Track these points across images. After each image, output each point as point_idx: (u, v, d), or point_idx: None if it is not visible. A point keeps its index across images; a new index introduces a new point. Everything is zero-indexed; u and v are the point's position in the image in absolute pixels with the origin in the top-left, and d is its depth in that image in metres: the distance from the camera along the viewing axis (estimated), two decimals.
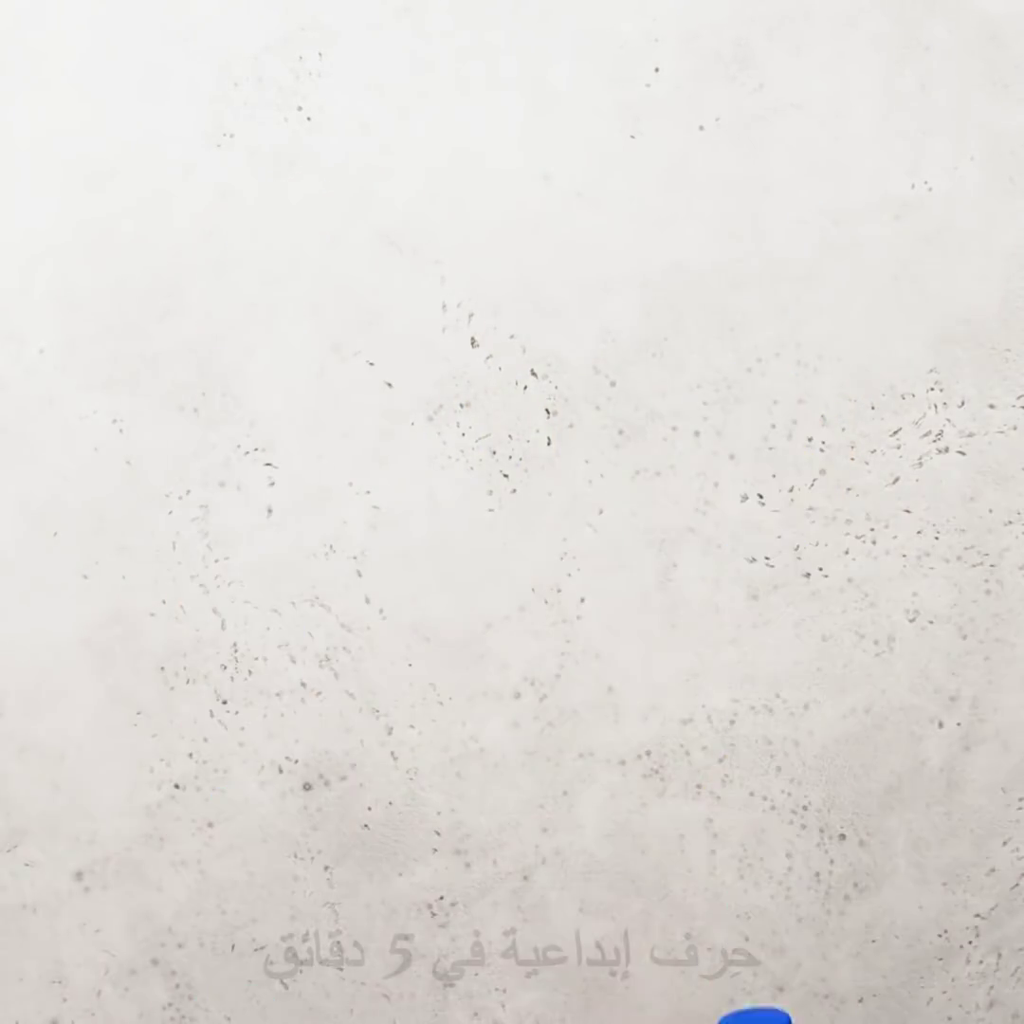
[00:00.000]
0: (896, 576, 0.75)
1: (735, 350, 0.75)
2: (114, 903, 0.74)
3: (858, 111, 0.75)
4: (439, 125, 0.74)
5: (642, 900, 0.71)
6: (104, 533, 0.73)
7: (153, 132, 0.73)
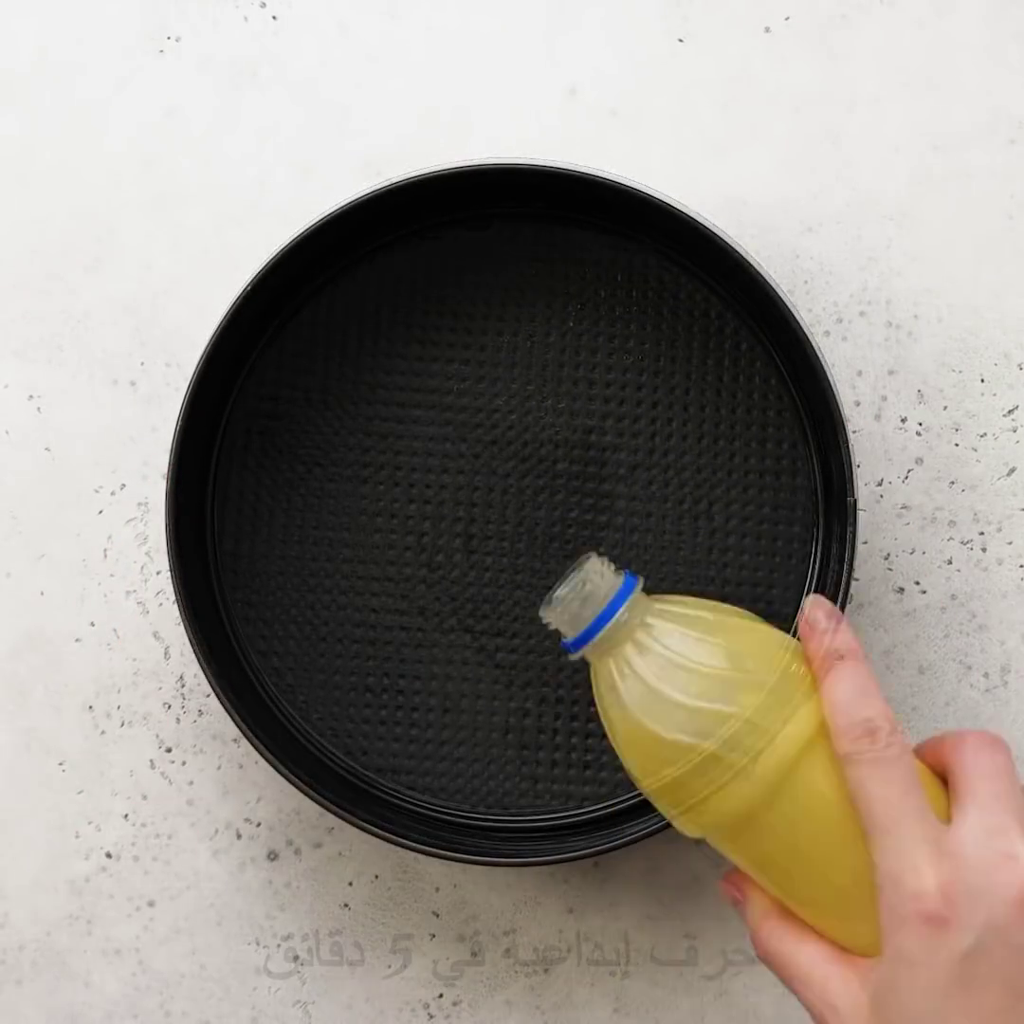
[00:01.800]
0: (1012, 592, 0.65)
1: (810, 308, 0.65)
2: (31, 1002, 0.65)
3: (964, 7, 0.65)
4: (437, 26, 0.66)
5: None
6: (17, 537, 0.65)
7: (78, 34, 0.65)
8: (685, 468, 0.62)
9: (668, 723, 0.46)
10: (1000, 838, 0.41)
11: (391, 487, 0.62)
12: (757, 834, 0.46)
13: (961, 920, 0.40)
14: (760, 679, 0.46)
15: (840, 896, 0.45)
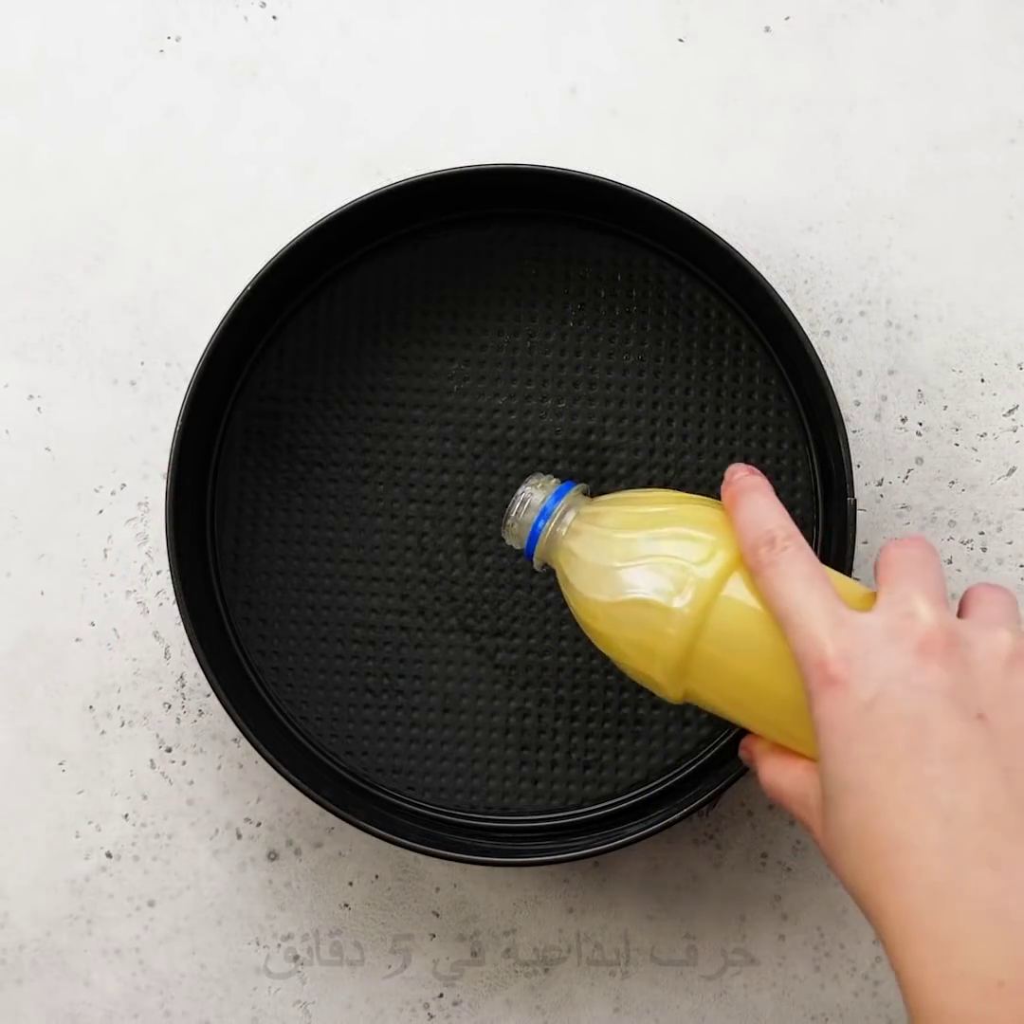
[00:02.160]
0: (1012, 591, 0.62)
1: (810, 308, 0.65)
2: (31, 1002, 0.64)
3: (964, 7, 0.65)
4: (437, 26, 0.65)
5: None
6: (17, 537, 0.65)
7: (79, 34, 0.65)
8: (685, 468, 0.62)
9: (611, 589, 0.49)
10: (902, 604, 0.43)
11: (391, 487, 0.62)
12: (712, 669, 0.48)
13: (860, 675, 0.42)
14: (679, 531, 0.49)
15: (792, 707, 0.46)
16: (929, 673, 0.41)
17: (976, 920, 0.39)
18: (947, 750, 0.41)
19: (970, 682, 0.42)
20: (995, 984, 0.38)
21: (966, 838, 0.39)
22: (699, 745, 0.62)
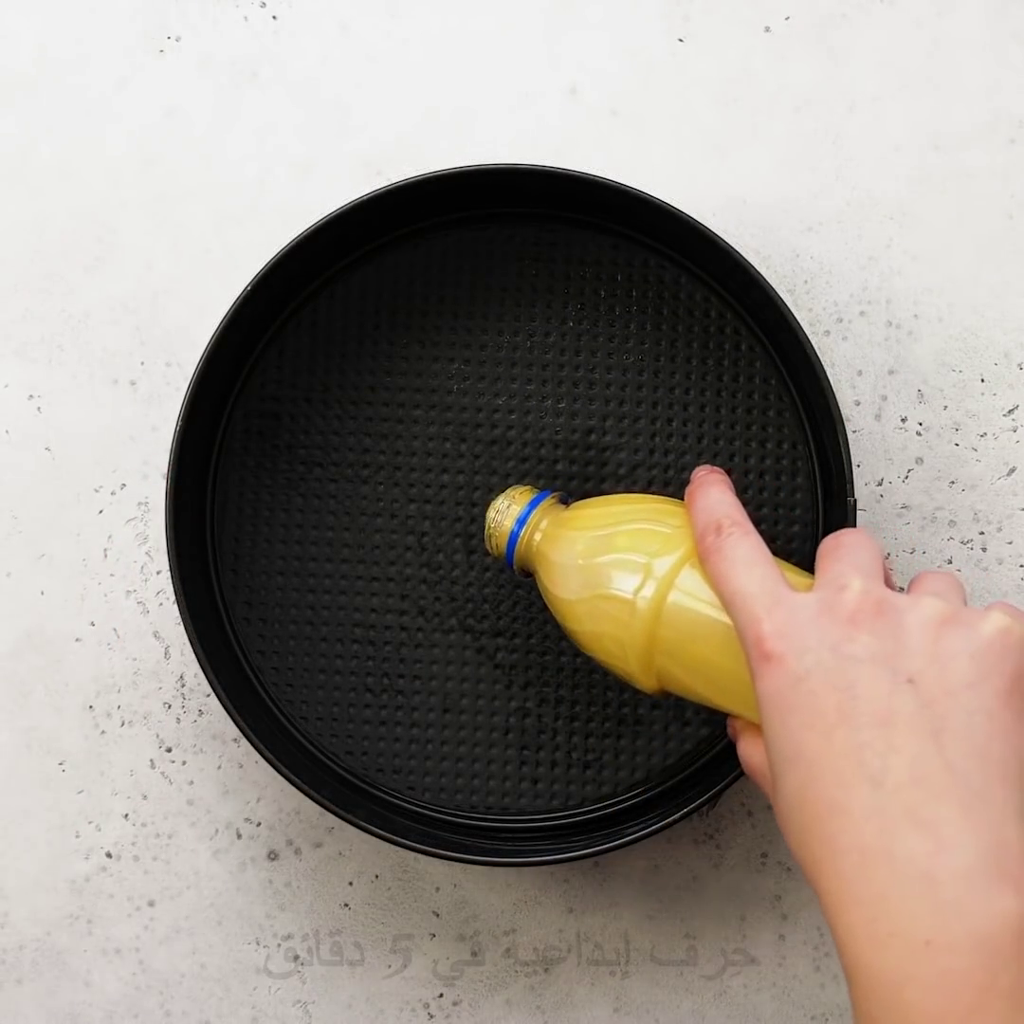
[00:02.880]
0: (1012, 592, 0.65)
1: (810, 308, 0.65)
2: (31, 1001, 0.64)
3: (964, 7, 0.65)
4: (437, 26, 0.65)
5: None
6: (17, 537, 0.65)
7: (79, 34, 0.65)
8: (685, 468, 0.62)
9: (579, 587, 0.52)
10: (835, 581, 0.44)
11: (391, 487, 0.62)
12: (675, 655, 0.50)
13: (794, 650, 0.43)
14: (639, 527, 0.52)
15: (748, 685, 0.48)
16: (859, 642, 0.42)
17: (903, 881, 0.39)
18: (876, 715, 0.41)
19: (900, 648, 0.42)
20: (922, 944, 0.38)
21: (894, 800, 0.40)
22: (699, 745, 0.62)
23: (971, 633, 0.42)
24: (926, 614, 0.43)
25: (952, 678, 0.41)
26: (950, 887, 0.38)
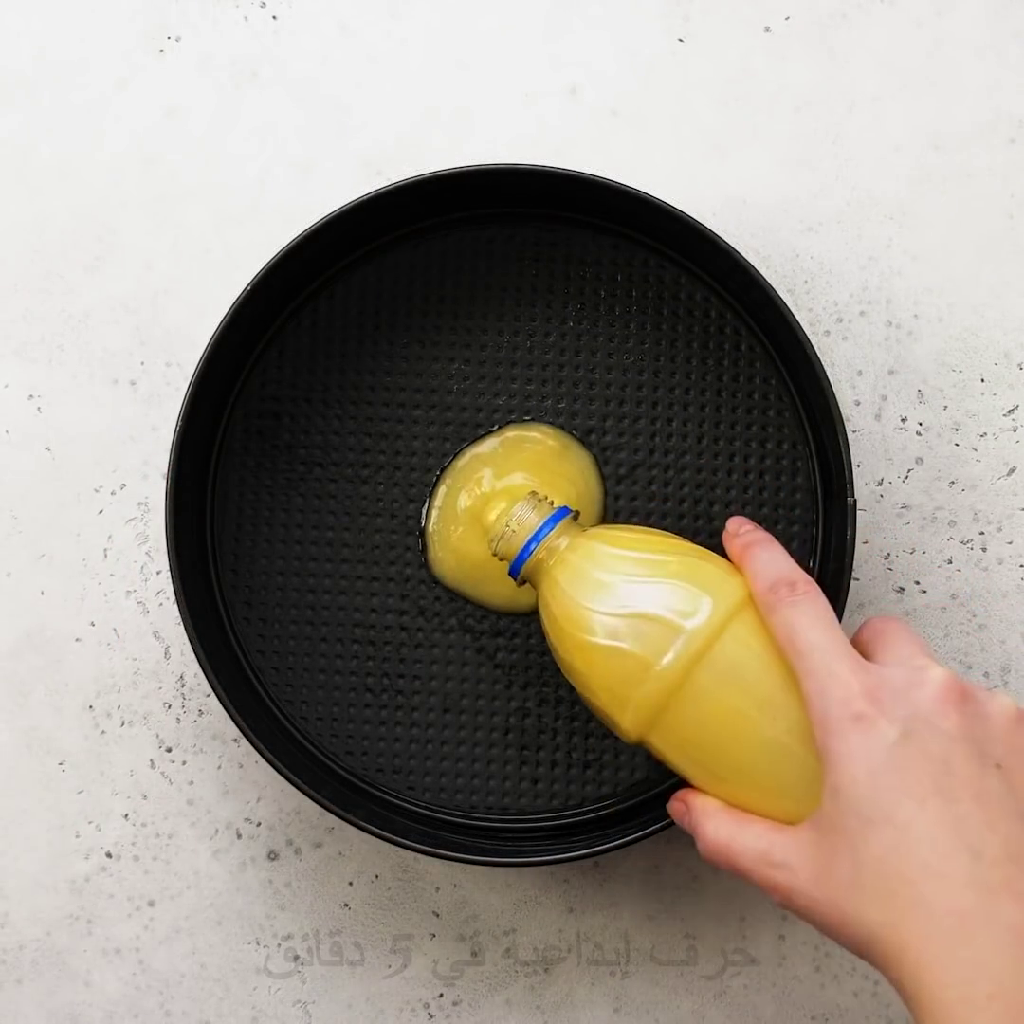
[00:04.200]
0: (1012, 592, 0.65)
1: (810, 308, 0.65)
2: (31, 1002, 0.64)
3: (964, 7, 0.65)
4: (437, 26, 0.66)
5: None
6: (17, 537, 0.65)
7: (79, 34, 0.65)
8: (685, 468, 0.62)
9: (593, 630, 0.50)
10: (911, 659, 0.47)
11: (391, 487, 0.62)
12: (685, 725, 0.49)
13: (887, 715, 0.44)
14: (672, 585, 0.50)
15: (775, 755, 0.48)
16: (951, 719, 0.44)
17: (1002, 946, 0.41)
18: (972, 791, 0.43)
19: (986, 734, 0.45)
20: (1023, 1005, 0.40)
21: (993, 872, 0.42)
22: None
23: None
24: (1004, 707, 0.46)
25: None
26: None
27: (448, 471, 0.62)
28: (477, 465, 0.62)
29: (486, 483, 0.61)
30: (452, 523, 0.62)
